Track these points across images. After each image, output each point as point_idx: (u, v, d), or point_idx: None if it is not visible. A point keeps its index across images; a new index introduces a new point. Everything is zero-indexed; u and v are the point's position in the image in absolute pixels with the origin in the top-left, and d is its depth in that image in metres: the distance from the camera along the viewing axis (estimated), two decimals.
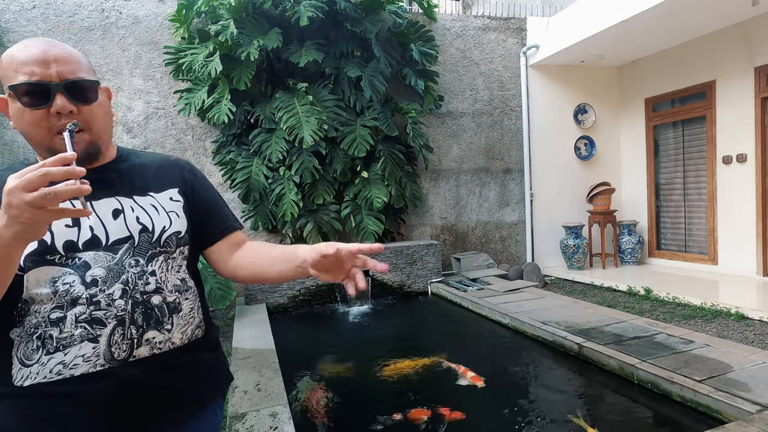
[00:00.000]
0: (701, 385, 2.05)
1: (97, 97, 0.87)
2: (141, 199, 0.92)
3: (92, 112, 0.85)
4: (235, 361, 2.54)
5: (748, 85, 4.61)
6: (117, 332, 0.82)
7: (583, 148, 6.00)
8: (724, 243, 4.92)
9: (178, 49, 4.45)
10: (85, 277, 0.81)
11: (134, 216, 0.89)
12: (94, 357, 0.80)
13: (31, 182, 0.60)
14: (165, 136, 4.67)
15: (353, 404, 2.36)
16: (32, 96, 0.78)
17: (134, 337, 0.83)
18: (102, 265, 0.83)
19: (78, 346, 0.79)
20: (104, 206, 0.87)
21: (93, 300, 0.81)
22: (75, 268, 0.81)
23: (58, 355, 0.78)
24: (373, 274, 4.52)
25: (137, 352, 0.84)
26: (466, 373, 2.56)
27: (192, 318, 0.94)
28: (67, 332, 0.79)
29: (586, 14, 4.78)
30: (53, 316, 0.79)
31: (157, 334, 0.86)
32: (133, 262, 0.86)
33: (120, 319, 0.82)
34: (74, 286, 0.80)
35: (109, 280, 0.83)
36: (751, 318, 3.48)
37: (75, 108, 0.81)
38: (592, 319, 3.20)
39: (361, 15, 4.68)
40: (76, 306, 0.80)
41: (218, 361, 1.02)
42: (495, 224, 5.77)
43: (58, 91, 0.79)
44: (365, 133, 4.61)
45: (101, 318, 0.81)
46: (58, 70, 0.79)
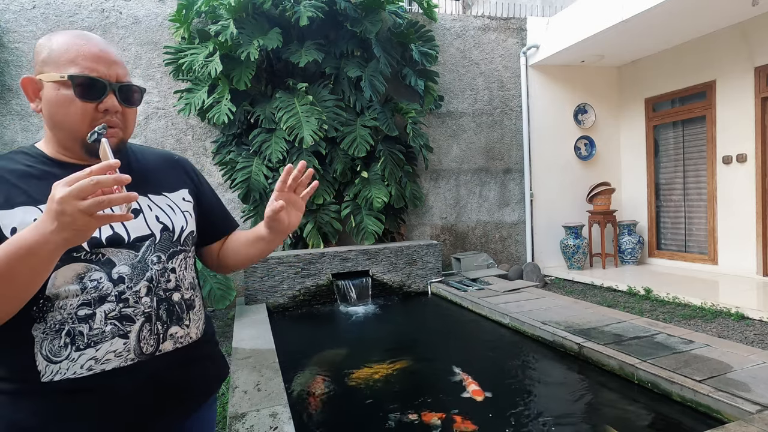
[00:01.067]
0: (701, 385, 2.05)
1: (140, 103, 0.93)
2: (156, 198, 0.95)
3: (131, 114, 0.91)
4: (235, 361, 2.54)
5: (748, 85, 4.61)
6: (145, 328, 0.85)
7: (583, 148, 6.00)
8: (724, 243, 4.92)
9: (178, 49, 4.45)
10: (112, 275, 0.83)
11: (153, 215, 0.92)
12: (125, 352, 0.83)
13: (83, 190, 0.62)
14: (165, 136, 4.67)
15: (353, 406, 2.36)
16: (88, 89, 0.82)
17: (160, 332, 0.88)
18: (126, 262, 0.85)
19: (110, 342, 0.81)
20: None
21: (122, 297, 0.83)
22: (100, 265, 0.83)
23: (89, 351, 0.80)
24: (373, 274, 4.53)
25: (163, 347, 0.88)
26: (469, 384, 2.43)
27: (201, 313, 1.00)
28: (97, 329, 0.81)
29: (586, 14, 4.78)
30: (81, 313, 0.80)
31: (179, 329, 0.91)
32: (155, 259, 0.90)
33: (147, 316, 0.86)
34: (102, 282, 0.82)
35: (135, 278, 0.86)
36: (751, 318, 3.48)
37: (121, 109, 0.86)
38: (592, 319, 3.20)
39: (361, 15, 4.68)
40: (105, 303, 0.82)
41: (220, 353, 1.08)
42: (495, 224, 5.77)
43: (113, 91, 0.84)
44: (365, 133, 4.61)
45: (130, 315, 0.84)
46: (117, 72, 0.85)
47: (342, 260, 4.44)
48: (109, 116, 0.84)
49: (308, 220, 4.61)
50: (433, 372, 2.74)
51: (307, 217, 4.62)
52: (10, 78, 4.26)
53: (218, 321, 4.27)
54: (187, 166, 1.09)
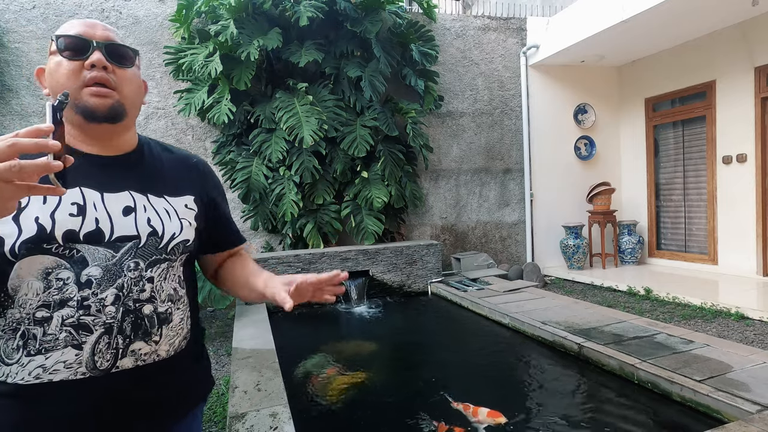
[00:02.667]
0: (701, 385, 2.05)
1: (133, 65, 0.88)
2: (155, 199, 0.89)
3: (125, 76, 0.86)
4: (235, 361, 2.54)
5: (748, 85, 4.61)
6: (103, 341, 0.78)
7: (583, 148, 6.00)
8: (724, 243, 4.92)
9: (178, 49, 4.45)
10: (80, 276, 0.77)
11: (146, 216, 0.86)
12: (75, 364, 0.76)
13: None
14: (165, 136, 4.67)
15: (354, 407, 2.36)
16: (73, 49, 0.81)
17: (120, 347, 0.79)
18: (99, 263, 0.79)
19: (61, 351, 0.75)
20: (116, 201, 0.84)
21: (83, 303, 0.76)
22: (72, 262, 0.77)
23: (39, 357, 0.74)
24: (373, 274, 4.53)
25: (120, 363, 0.80)
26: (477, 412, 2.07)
27: (181, 329, 0.91)
28: (51, 334, 0.74)
29: (586, 14, 4.78)
30: (38, 315, 0.74)
31: (143, 346, 0.83)
32: (133, 264, 0.82)
33: (108, 327, 0.78)
34: (68, 284, 0.76)
35: (104, 283, 0.78)
36: (751, 318, 3.48)
37: (109, 66, 0.82)
38: (592, 319, 3.20)
39: (361, 15, 4.68)
40: (65, 308, 0.75)
41: (202, 368, 1.01)
42: (495, 224, 5.77)
43: (98, 48, 0.82)
44: (365, 133, 4.61)
45: (89, 324, 0.77)
46: (103, 33, 0.84)
47: (342, 260, 4.44)
48: (97, 72, 0.80)
49: (308, 220, 4.61)
50: (433, 372, 2.74)
51: (307, 217, 4.62)
52: (10, 78, 4.26)
53: (218, 321, 4.27)
54: (203, 169, 1.03)
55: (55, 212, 0.76)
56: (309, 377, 2.69)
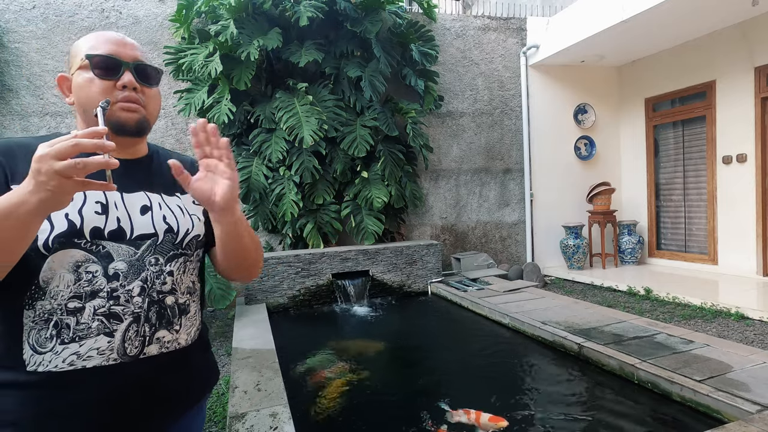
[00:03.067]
0: (701, 385, 2.05)
1: (158, 84, 0.95)
2: (168, 198, 0.96)
3: (151, 94, 0.93)
4: (235, 361, 2.54)
5: (748, 85, 4.61)
6: (132, 329, 0.84)
7: (583, 148, 6.00)
8: (724, 243, 4.92)
9: (178, 49, 4.45)
10: (108, 269, 0.83)
11: (161, 214, 0.92)
12: (108, 351, 0.81)
13: (62, 151, 0.62)
14: (165, 136, 4.67)
15: (353, 408, 2.36)
16: (105, 68, 0.86)
17: (147, 334, 0.86)
18: (124, 258, 0.85)
19: (94, 339, 0.80)
20: (134, 200, 0.90)
21: (113, 294, 0.82)
22: (99, 257, 0.82)
23: (73, 345, 0.79)
24: (373, 274, 4.53)
25: (147, 350, 0.86)
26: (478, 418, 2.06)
27: (196, 319, 0.98)
28: (84, 323, 0.80)
29: (586, 14, 4.78)
30: (71, 306, 0.79)
31: (167, 334, 0.89)
32: (153, 260, 0.89)
33: (136, 316, 0.84)
34: (97, 277, 0.82)
35: (130, 276, 0.85)
36: (751, 318, 3.48)
37: (139, 86, 0.89)
38: (592, 319, 3.20)
39: (361, 15, 4.68)
40: (96, 298, 0.81)
41: (210, 359, 1.06)
42: (495, 224, 5.77)
43: (129, 69, 0.88)
44: (365, 133, 4.61)
45: (119, 313, 0.83)
46: (132, 54, 0.90)
47: (342, 260, 4.44)
48: (128, 92, 0.87)
49: (308, 220, 4.61)
50: (433, 372, 2.74)
51: (307, 217, 4.62)
52: (10, 78, 4.26)
53: (218, 321, 4.27)
54: None
55: (82, 209, 0.82)
56: (309, 376, 2.69)
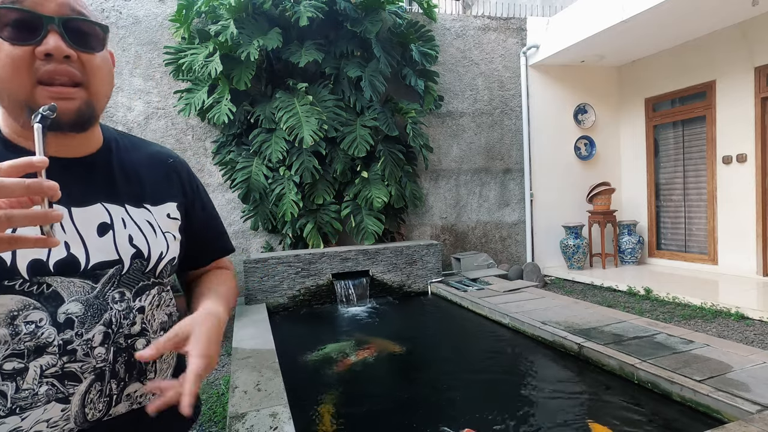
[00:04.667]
0: (701, 385, 2.05)
1: (103, 48, 0.67)
2: (135, 210, 0.72)
3: (94, 63, 0.64)
4: (235, 361, 2.54)
5: (748, 85, 4.61)
6: (94, 389, 0.64)
7: (583, 148, 6.00)
8: (724, 243, 4.92)
9: (178, 49, 4.45)
10: (57, 315, 0.61)
11: (126, 234, 0.69)
12: (62, 421, 0.62)
13: None
14: (165, 136, 4.67)
15: (354, 410, 2.36)
16: (16, 28, 0.58)
17: (114, 393, 0.67)
18: (78, 297, 0.63)
19: (42, 408, 0.61)
20: (88, 216, 0.66)
21: (67, 348, 0.62)
22: (43, 301, 0.61)
23: (12, 419, 0.59)
24: (373, 274, 4.53)
25: (114, 410, 0.67)
26: None
27: (172, 358, 0.78)
28: (27, 390, 0.60)
29: (586, 14, 4.78)
30: (8, 367, 0.59)
31: (139, 387, 0.70)
32: (118, 295, 0.68)
33: (99, 373, 0.65)
34: (42, 327, 0.60)
35: (88, 320, 0.64)
36: (751, 318, 3.48)
37: (73, 53, 0.61)
38: (592, 319, 3.20)
39: (361, 15, 4.68)
40: (44, 355, 0.60)
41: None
42: (495, 224, 5.77)
43: (53, 28, 0.59)
44: (365, 133, 4.61)
45: (76, 372, 0.63)
46: (57, 3, 0.60)
47: (342, 260, 4.44)
48: (56, 65, 0.59)
49: (308, 220, 4.61)
50: (433, 373, 2.74)
51: (307, 217, 4.62)
52: None
53: None
54: (183, 171, 0.85)
55: None
56: (308, 376, 2.69)
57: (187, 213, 0.83)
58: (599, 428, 1.98)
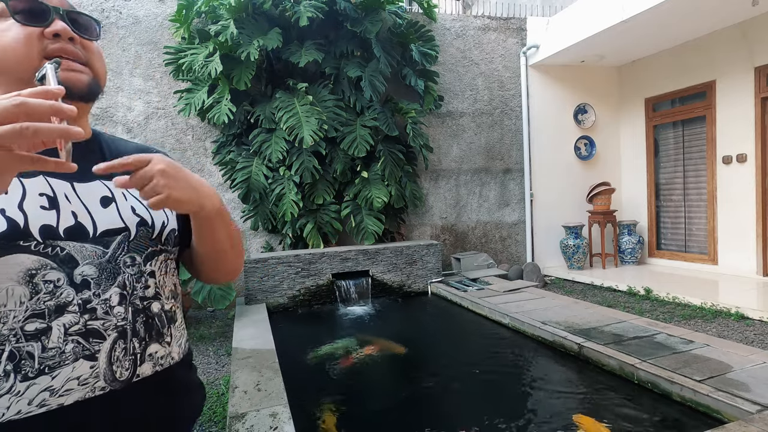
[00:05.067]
0: (701, 385, 2.05)
1: (99, 37, 0.76)
2: None
3: (94, 48, 0.74)
4: (235, 361, 2.54)
5: (748, 85, 4.61)
6: (118, 346, 0.67)
7: (583, 148, 6.00)
8: (724, 243, 4.92)
9: (178, 49, 4.45)
10: (74, 276, 0.64)
11: (128, 205, 0.74)
12: (92, 379, 0.64)
13: (2, 113, 0.45)
14: (165, 136, 4.67)
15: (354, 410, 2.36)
16: (28, 13, 0.66)
17: (137, 351, 0.69)
18: (92, 261, 0.66)
19: (71, 366, 0.62)
20: (90, 190, 0.71)
21: (87, 307, 0.64)
22: (59, 262, 0.63)
23: (42, 379, 0.60)
24: (373, 274, 4.53)
25: (140, 370, 0.70)
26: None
27: (183, 328, 0.83)
28: (53, 348, 0.61)
29: (586, 14, 4.78)
30: (30, 328, 0.60)
31: (159, 348, 0.73)
32: (129, 260, 0.71)
33: (121, 331, 0.67)
34: (60, 287, 0.63)
35: (104, 282, 0.67)
36: (751, 318, 3.48)
37: (76, 36, 0.69)
38: (592, 319, 3.20)
39: (361, 15, 4.68)
40: (65, 314, 0.63)
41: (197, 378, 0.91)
42: (495, 224, 5.77)
43: (58, 15, 0.68)
44: (365, 133, 4.61)
45: (99, 329, 0.65)
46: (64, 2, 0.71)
47: (342, 260, 4.44)
48: (63, 44, 0.67)
49: (308, 220, 4.61)
50: (432, 373, 2.74)
51: (307, 217, 4.62)
52: None
53: (218, 321, 4.27)
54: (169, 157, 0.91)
55: (23, 204, 0.63)
56: (309, 376, 2.69)
57: None
58: (585, 420, 2.00)
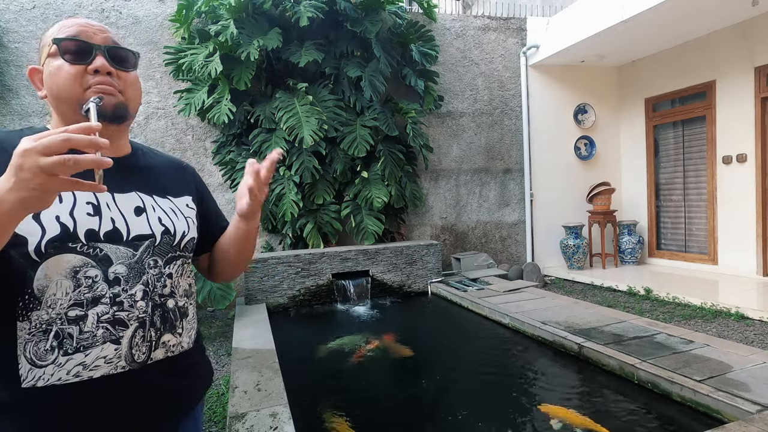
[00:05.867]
0: (701, 385, 2.05)
1: (135, 67, 0.90)
2: (161, 200, 0.92)
3: (129, 79, 0.88)
4: (235, 361, 2.54)
5: (748, 85, 4.61)
6: (138, 334, 0.81)
7: (583, 148, 6.00)
8: (724, 243, 4.92)
9: (178, 49, 4.45)
10: (108, 274, 0.79)
11: (156, 216, 0.89)
12: (115, 359, 0.78)
13: (50, 146, 0.56)
14: (165, 136, 4.67)
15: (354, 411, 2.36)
16: (74, 53, 0.81)
17: (153, 339, 0.83)
18: (123, 261, 0.81)
19: (100, 347, 0.77)
20: (127, 201, 0.86)
21: (116, 300, 0.79)
22: (97, 261, 0.78)
23: (78, 356, 0.75)
24: (373, 274, 4.53)
25: (154, 355, 0.84)
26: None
27: (194, 322, 0.97)
28: (88, 332, 0.76)
29: (586, 14, 4.78)
30: (72, 314, 0.75)
31: (171, 338, 0.88)
32: (152, 262, 0.86)
33: (141, 321, 0.82)
34: (97, 282, 0.78)
35: (131, 280, 0.81)
36: (751, 318, 3.48)
37: (113, 70, 0.83)
38: (592, 319, 3.20)
39: (361, 15, 4.68)
40: (99, 305, 0.77)
41: (207, 360, 1.05)
42: (495, 224, 5.77)
43: (100, 52, 0.82)
44: (365, 133, 4.61)
45: (124, 319, 0.80)
46: (103, 36, 0.85)
47: (342, 260, 4.44)
48: (102, 77, 0.82)
49: (308, 220, 4.61)
50: (432, 373, 2.74)
51: (307, 217, 4.62)
52: (11, 78, 4.26)
53: (218, 321, 4.27)
54: (193, 173, 1.09)
55: (74, 211, 0.78)
56: (309, 375, 2.69)
57: (199, 205, 1.04)
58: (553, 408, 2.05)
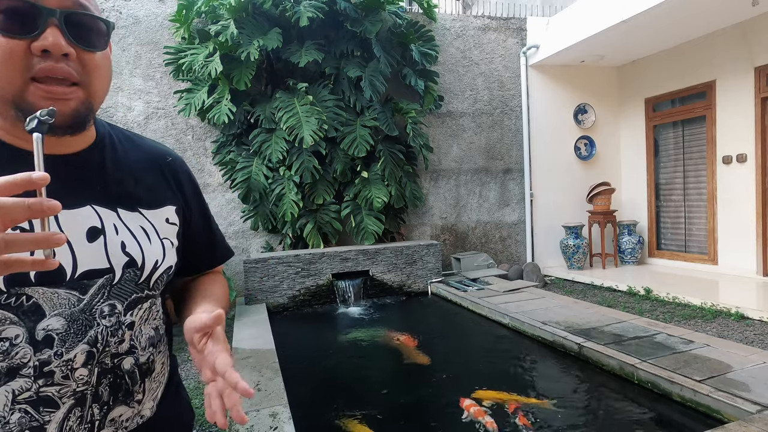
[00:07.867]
0: (701, 385, 2.05)
1: (106, 45, 0.60)
2: (128, 215, 0.65)
3: (95, 62, 0.58)
4: (235, 361, 2.54)
5: (748, 85, 4.60)
6: (74, 415, 0.57)
7: (583, 148, 6.00)
8: (724, 243, 4.92)
9: (178, 49, 4.45)
10: (35, 332, 0.54)
11: (118, 241, 0.62)
12: None
13: None
14: (165, 136, 4.67)
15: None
16: (12, 18, 0.51)
17: (96, 419, 0.59)
18: (62, 311, 0.56)
19: None
20: (77, 220, 0.59)
21: (44, 370, 0.55)
22: (21, 315, 0.54)
23: None
24: (373, 274, 4.53)
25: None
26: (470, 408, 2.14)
27: (163, 375, 0.71)
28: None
29: (586, 14, 4.78)
30: None
31: (125, 410, 0.63)
32: (107, 309, 0.60)
33: (80, 397, 0.57)
34: (17, 346, 0.53)
35: (71, 338, 0.56)
36: (751, 318, 3.48)
37: (72, 51, 0.55)
38: (592, 319, 3.20)
39: (361, 15, 4.68)
40: (16, 378, 0.54)
41: (183, 403, 0.79)
42: (495, 224, 5.77)
43: (53, 21, 0.53)
44: (365, 133, 4.61)
45: (53, 397, 0.55)
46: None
47: (342, 260, 4.44)
48: (52, 64, 0.53)
49: (308, 220, 4.61)
50: (432, 372, 2.74)
51: (307, 217, 4.62)
52: None
53: None
54: (182, 171, 0.78)
55: None
56: (309, 375, 2.69)
57: (186, 218, 0.76)
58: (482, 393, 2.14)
